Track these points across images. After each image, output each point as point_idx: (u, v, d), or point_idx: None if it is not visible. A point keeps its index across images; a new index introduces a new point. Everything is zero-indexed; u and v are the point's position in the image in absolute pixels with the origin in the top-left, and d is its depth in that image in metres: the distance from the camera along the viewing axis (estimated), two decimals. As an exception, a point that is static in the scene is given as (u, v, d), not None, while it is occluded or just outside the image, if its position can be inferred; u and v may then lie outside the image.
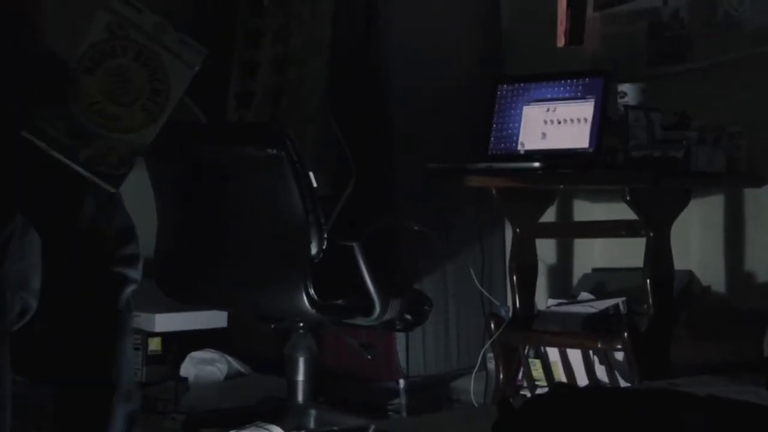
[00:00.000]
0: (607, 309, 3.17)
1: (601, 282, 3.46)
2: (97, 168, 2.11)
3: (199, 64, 2.18)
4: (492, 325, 3.24)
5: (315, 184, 2.77)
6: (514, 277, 3.29)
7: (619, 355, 3.03)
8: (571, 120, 3.15)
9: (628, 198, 2.97)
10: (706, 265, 3.36)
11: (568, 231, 3.66)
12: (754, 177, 3.22)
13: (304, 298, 2.76)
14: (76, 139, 2.10)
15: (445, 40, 3.68)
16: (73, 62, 2.10)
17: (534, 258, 3.33)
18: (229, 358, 3.75)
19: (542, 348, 3.22)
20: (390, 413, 3.48)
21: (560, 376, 3.18)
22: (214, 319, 3.82)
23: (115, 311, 2.20)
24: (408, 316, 3.00)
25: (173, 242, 3.03)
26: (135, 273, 2.24)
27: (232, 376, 3.72)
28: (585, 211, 3.62)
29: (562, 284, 3.67)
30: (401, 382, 3.49)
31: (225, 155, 2.86)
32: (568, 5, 3.72)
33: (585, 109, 3.13)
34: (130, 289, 2.22)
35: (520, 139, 3.25)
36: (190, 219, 3.00)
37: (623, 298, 3.19)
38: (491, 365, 3.37)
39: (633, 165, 2.99)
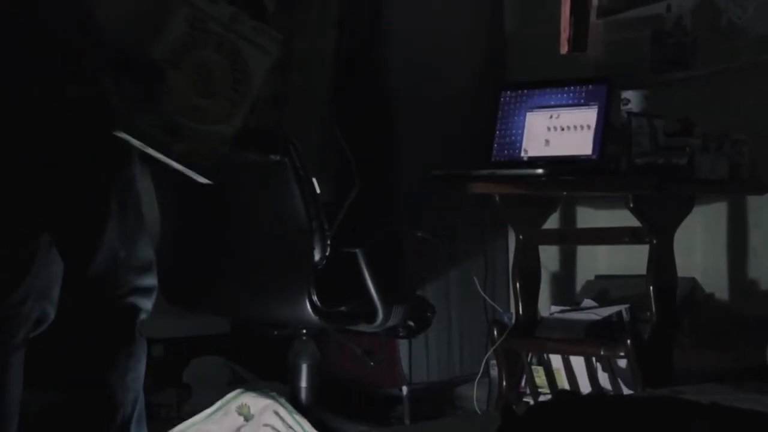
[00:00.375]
0: (610, 316, 3.16)
1: (604, 289, 3.45)
2: (190, 161, 2.14)
3: (276, 51, 2.21)
4: (495, 332, 3.24)
5: (318, 191, 2.77)
6: (517, 284, 3.29)
7: (622, 363, 3.03)
8: (575, 127, 3.15)
9: (631, 205, 2.97)
10: (709, 272, 3.36)
11: (571, 238, 3.66)
12: (757, 184, 3.22)
13: (308, 305, 2.75)
14: (169, 135, 2.12)
15: (449, 47, 3.68)
16: (158, 57, 2.11)
17: (537, 265, 3.33)
18: (232, 365, 3.75)
19: (545, 355, 3.21)
20: (393, 420, 3.47)
21: (563, 383, 3.18)
22: (217, 325, 3.82)
23: (130, 339, 2.22)
24: (411, 323, 3.00)
25: (176, 249, 3.03)
26: (148, 303, 2.25)
27: (234, 383, 3.72)
28: (588, 217, 3.62)
29: (565, 291, 3.67)
30: (404, 388, 3.49)
31: (228, 161, 2.85)
32: (572, 12, 3.72)
33: (588, 116, 3.13)
34: (141, 318, 2.24)
35: (524, 145, 3.25)
36: (193, 225, 3.00)
37: (626, 305, 3.19)
38: (494, 372, 3.37)
39: (636, 172, 2.99)
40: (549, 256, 3.59)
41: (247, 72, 2.18)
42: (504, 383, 3.26)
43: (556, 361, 3.19)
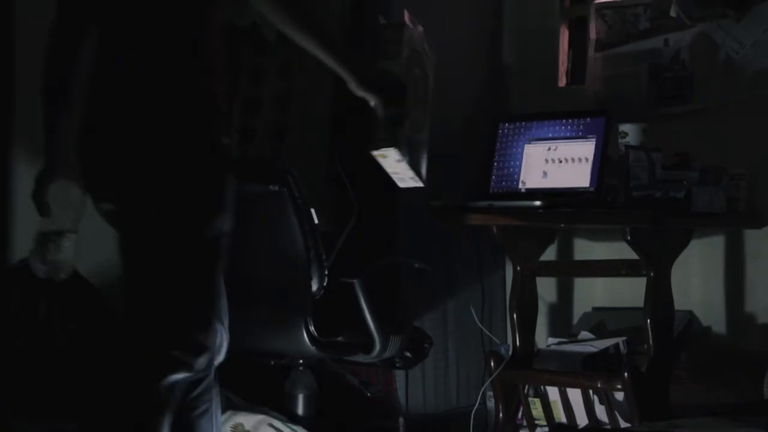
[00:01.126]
0: (607, 348, 3.16)
1: (601, 321, 3.45)
2: (416, 168, 2.35)
3: (435, 52, 2.45)
4: (492, 363, 3.23)
5: (316, 221, 2.78)
6: (515, 315, 3.29)
7: (620, 395, 3.02)
8: (573, 159, 3.16)
9: (628, 237, 2.98)
10: (706, 306, 3.36)
11: (568, 269, 3.66)
12: (755, 218, 3.23)
13: (305, 335, 2.75)
14: (407, 149, 2.32)
15: (448, 78, 3.68)
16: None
17: (534, 296, 3.33)
18: (228, 393, 3.73)
19: (542, 387, 3.21)
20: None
21: (560, 415, 3.17)
22: (214, 354, 3.80)
23: (155, 391, 2.12)
24: (408, 354, 2.99)
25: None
26: (193, 361, 2.16)
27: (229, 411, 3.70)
28: (586, 249, 3.62)
29: (562, 323, 3.66)
30: (401, 420, 3.48)
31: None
32: (570, 45, 3.75)
33: (586, 149, 3.14)
34: (179, 376, 2.14)
35: (522, 177, 3.26)
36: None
37: (623, 338, 3.19)
38: (491, 404, 3.36)
39: (634, 205, 3.00)
40: (546, 288, 3.58)
41: (429, 80, 2.42)
42: (501, 415, 3.25)
43: (553, 393, 3.19)
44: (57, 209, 2.11)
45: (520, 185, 3.26)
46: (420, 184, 2.40)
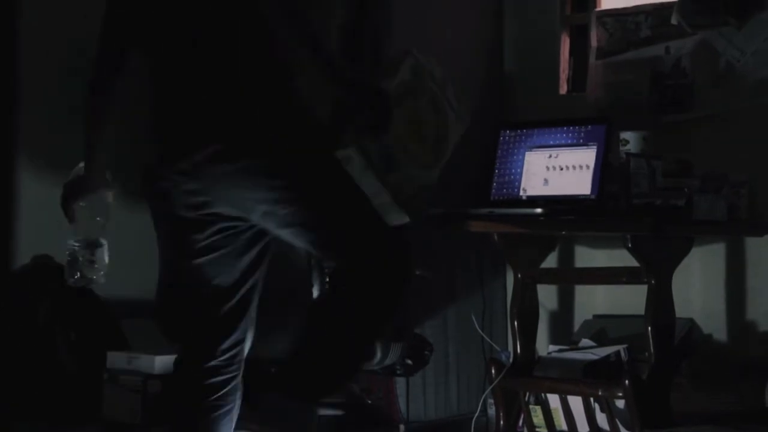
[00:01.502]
0: (608, 356, 3.16)
1: (602, 328, 3.45)
2: (397, 196, 2.24)
3: (468, 123, 2.36)
4: (493, 371, 3.23)
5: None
6: (515, 323, 3.29)
7: (621, 403, 3.02)
8: (573, 166, 3.16)
9: (629, 245, 2.98)
10: (708, 314, 3.35)
11: (569, 277, 3.66)
12: (756, 226, 3.23)
13: (306, 342, 2.74)
14: (384, 166, 2.23)
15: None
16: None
17: (535, 303, 3.33)
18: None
19: (543, 394, 3.21)
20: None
21: (561, 423, 3.17)
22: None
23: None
24: (409, 361, 2.99)
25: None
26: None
27: (231, 419, 3.69)
28: (586, 257, 3.62)
29: (563, 330, 3.66)
30: (401, 427, 3.48)
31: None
32: (571, 53, 3.75)
33: (587, 156, 3.14)
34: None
35: (522, 184, 3.26)
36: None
37: (624, 345, 3.18)
38: (492, 411, 3.36)
39: (634, 212, 3.00)
40: (547, 295, 3.58)
41: (446, 131, 2.32)
42: (501, 422, 3.24)
43: (553, 400, 3.19)
44: (87, 218, 2.13)
45: (521, 192, 3.26)
46: (404, 220, 2.28)
